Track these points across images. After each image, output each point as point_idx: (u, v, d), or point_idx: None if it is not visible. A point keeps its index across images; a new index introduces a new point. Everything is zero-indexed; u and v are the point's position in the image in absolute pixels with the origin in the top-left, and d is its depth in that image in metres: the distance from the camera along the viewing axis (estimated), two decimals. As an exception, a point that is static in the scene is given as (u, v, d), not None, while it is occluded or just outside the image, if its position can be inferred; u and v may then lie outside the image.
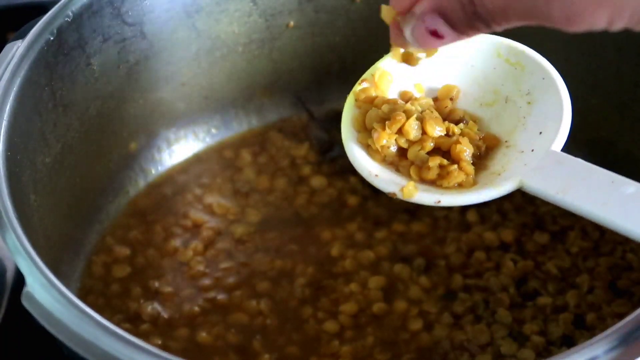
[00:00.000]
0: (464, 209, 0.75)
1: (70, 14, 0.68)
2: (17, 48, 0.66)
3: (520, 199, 0.76)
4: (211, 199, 0.79)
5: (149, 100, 0.79)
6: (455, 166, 0.55)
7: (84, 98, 0.73)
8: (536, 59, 0.59)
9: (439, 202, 0.55)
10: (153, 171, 0.82)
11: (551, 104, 0.57)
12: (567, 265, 0.71)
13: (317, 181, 0.80)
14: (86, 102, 0.73)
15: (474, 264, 0.72)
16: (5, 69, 0.64)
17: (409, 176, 0.56)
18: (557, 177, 0.52)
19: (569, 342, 0.66)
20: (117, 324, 0.54)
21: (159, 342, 0.69)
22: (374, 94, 0.59)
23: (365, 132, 0.58)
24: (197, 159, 0.83)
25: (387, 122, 0.56)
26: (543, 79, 0.58)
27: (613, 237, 0.73)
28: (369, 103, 0.58)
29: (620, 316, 0.62)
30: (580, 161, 0.53)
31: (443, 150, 0.56)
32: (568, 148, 0.78)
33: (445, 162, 0.55)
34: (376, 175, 0.56)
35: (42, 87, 0.67)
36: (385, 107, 0.57)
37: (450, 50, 0.59)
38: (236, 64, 0.83)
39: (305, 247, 0.75)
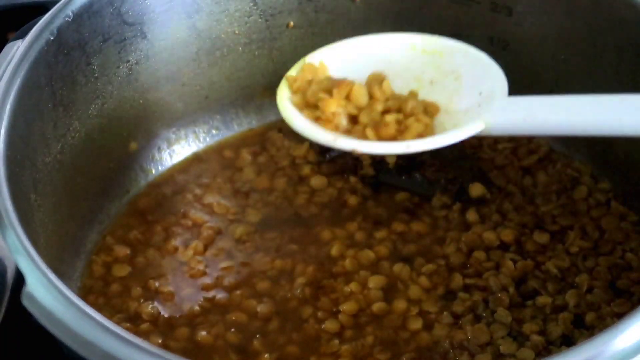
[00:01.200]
0: (464, 208, 0.75)
1: (70, 14, 0.69)
2: (17, 48, 0.66)
3: (521, 199, 0.76)
4: (211, 198, 0.79)
5: (149, 100, 0.79)
6: (412, 118, 0.55)
7: (84, 98, 0.73)
8: (449, 43, 0.61)
9: (409, 147, 0.56)
10: (153, 171, 0.82)
11: (478, 71, 0.59)
12: (566, 265, 0.71)
13: (317, 181, 0.80)
14: (86, 102, 0.73)
15: (474, 263, 0.72)
16: (5, 69, 0.64)
17: (365, 139, 0.57)
18: (518, 110, 0.56)
19: (568, 341, 0.66)
20: (117, 324, 0.55)
21: (159, 341, 0.68)
22: (310, 77, 0.60)
23: (309, 108, 0.58)
24: (197, 159, 0.83)
25: (334, 90, 0.56)
26: (463, 56, 0.60)
27: (613, 237, 0.73)
28: (307, 83, 0.59)
29: (620, 316, 0.62)
30: (533, 97, 0.55)
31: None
32: (569, 149, 0.79)
33: (401, 116, 0.56)
34: (335, 139, 0.57)
35: (42, 87, 0.67)
36: (326, 81, 0.57)
37: (366, 50, 0.61)
38: (236, 64, 0.83)
39: (305, 247, 0.75)
